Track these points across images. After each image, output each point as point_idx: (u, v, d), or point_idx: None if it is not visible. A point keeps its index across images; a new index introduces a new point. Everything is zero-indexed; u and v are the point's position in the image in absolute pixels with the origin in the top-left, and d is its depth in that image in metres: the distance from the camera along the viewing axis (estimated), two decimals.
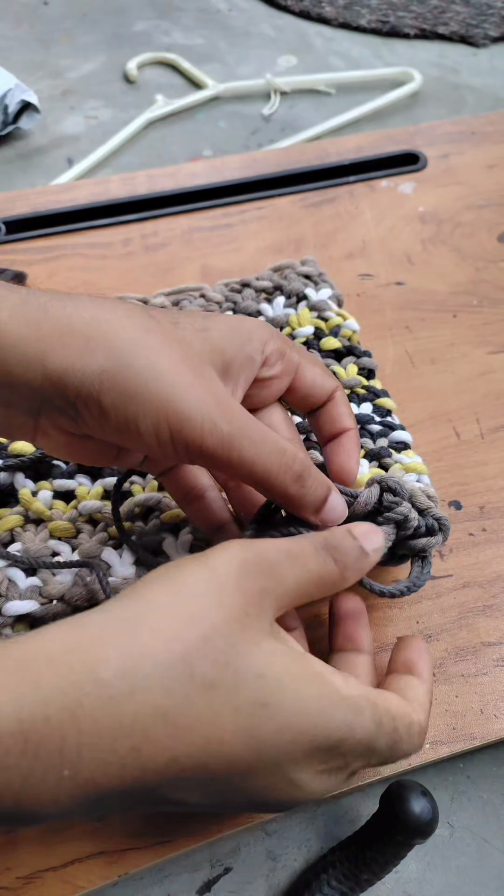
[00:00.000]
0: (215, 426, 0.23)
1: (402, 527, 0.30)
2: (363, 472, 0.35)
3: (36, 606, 0.31)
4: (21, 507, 0.35)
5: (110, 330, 0.23)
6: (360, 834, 0.31)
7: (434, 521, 0.31)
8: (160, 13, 1.00)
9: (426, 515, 0.30)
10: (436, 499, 0.32)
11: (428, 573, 0.31)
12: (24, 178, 0.73)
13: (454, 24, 0.97)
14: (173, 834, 0.30)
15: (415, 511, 0.30)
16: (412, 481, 0.34)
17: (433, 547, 0.30)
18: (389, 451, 0.36)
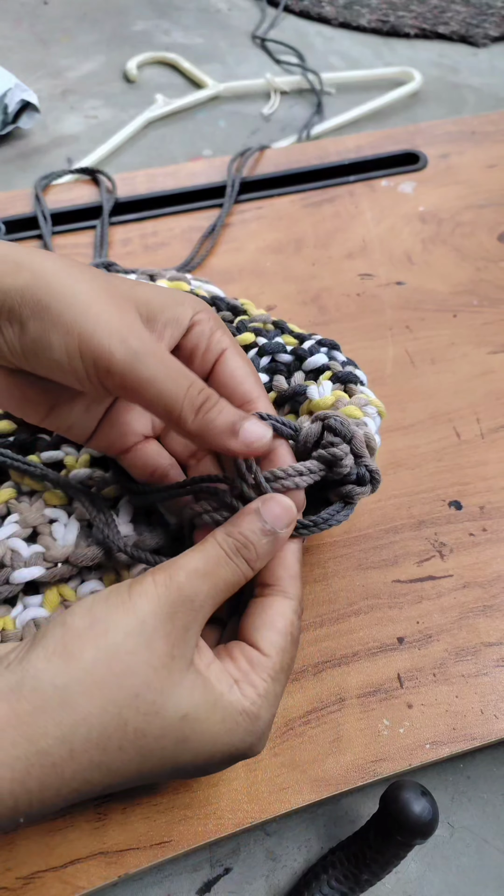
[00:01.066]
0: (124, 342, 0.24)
1: (333, 469, 0.29)
2: (325, 393, 0.34)
3: (42, 571, 0.31)
4: (13, 482, 0.35)
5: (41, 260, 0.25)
6: (360, 834, 0.31)
7: (366, 471, 0.30)
8: (160, 13, 1.00)
9: (360, 464, 0.29)
10: (375, 449, 0.31)
11: (345, 516, 0.30)
12: (23, 177, 0.73)
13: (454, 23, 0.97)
14: (173, 834, 0.30)
15: (351, 457, 0.29)
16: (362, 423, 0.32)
17: (359, 496, 0.30)
18: (356, 375, 0.35)
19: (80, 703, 0.21)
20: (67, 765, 0.21)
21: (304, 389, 0.34)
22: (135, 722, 0.22)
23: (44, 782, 0.21)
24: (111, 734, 0.22)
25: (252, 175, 0.61)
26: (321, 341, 0.37)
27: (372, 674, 0.34)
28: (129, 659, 0.22)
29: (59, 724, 0.21)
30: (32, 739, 0.21)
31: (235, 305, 0.41)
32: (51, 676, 0.22)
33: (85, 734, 0.21)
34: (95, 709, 0.21)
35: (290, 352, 0.37)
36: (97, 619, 0.23)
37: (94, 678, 0.22)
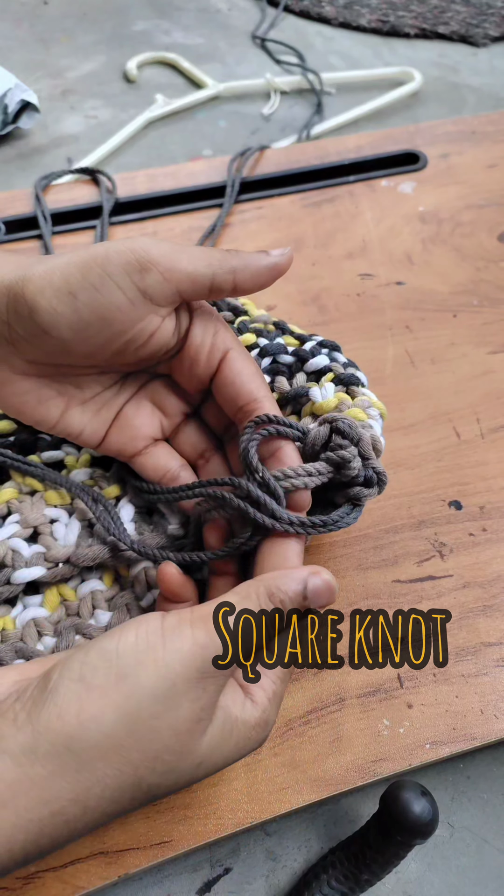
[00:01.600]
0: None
1: (342, 471, 0.29)
2: (327, 395, 0.34)
3: (43, 571, 0.31)
4: (14, 482, 0.35)
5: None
6: (360, 834, 0.31)
7: (374, 473, 0.30)
8: (160, 13, 1.00)
9: (367, 466, 0.30)
10: (381, 451, 0.31)
11: (354, 519, 0.30)
12: (23, 177, 0.73)
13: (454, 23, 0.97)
14: (173, 834, 0.30)
15: (359, 459, 0.29)
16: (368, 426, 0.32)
17: (367, 497, 0.30)
18: (358, 377, 0.35)
19: (97, 766, 0.21)
20: (80, 820, 0.21)
21: (307, 391, 0.34)
22: (150, 780, 0.22)
23: (55, 838, 0.21)
24: (125, 790, 0.21)
25: (252, 175, 0.61)
26: (322, 342, 0.37)
27: (372, 674, 0.34)
28: (153, 724, 0.21)
29: (74, 787, 0.21)
30: (45, 802, 0.20)
31: (236, 306, 0.41)
32: (66, 740, 0.20)
33: (99, 793, 0.21)
34: (112, 771, 0.21)
35: (292, 353, 0.37)
36: (124, 674, 0.21)
37: (113, 742, 0.21)
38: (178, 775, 0.22)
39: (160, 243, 0.26)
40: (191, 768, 0.22)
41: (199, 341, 0.29)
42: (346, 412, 0.32)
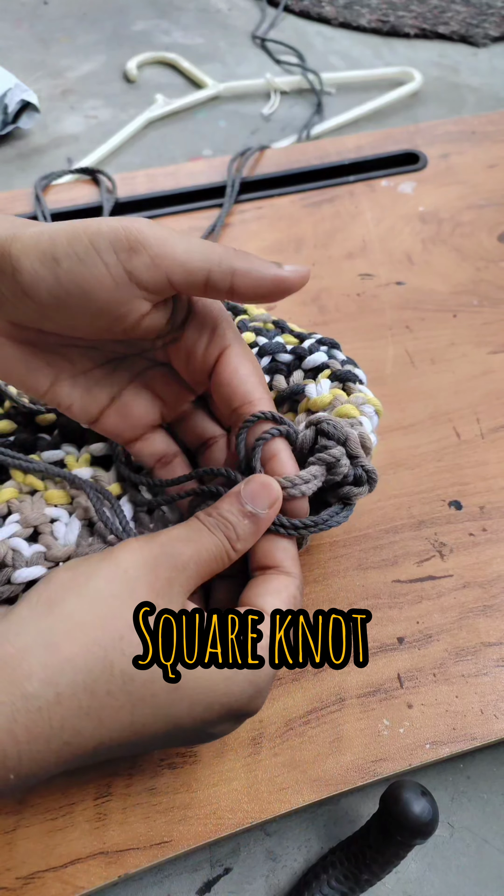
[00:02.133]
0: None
1: (332, 471, 0.29)
2: (322, 391, 0.34)
3: (43, 571, 0.31)
4: (15, 481, 0.35)
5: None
6: (360, 834, 0.31)
7: (363, 471, 0.30)
8: (160, 13, 1.00)
9: (356, 465, 0.29)
10: (370, 449, 0.31)
11: (345, 517, 0.30)
12: (23, 177, 0.73)
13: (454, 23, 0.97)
14: (173, 834, 0.30)
15: (347, 458, 0.29)
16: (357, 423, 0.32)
17: (356, 496, 0.30)
18: (355, 374, 0.35)
19: (63, 644, 0.21)
20: (55, 709, 0.20)
21: (303, 388, 0.34)
22: (121, 664, 0.22)
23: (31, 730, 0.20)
24: (97, 676, 0.21)
25: (252, 175, 0.61)
26: (321, 340, 0.37)
27: (372, 674, 0.34)
28: (112, 602, 0.22)
29: (44, 665, 0.21)
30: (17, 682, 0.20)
31: (235, 305, 0.41)
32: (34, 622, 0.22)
33: (71, 676, 0.21)
34: (80, 649, 0.21)
35: (290, 351, 0.37)
36: (79, 572, 0.23)
37: (77, 620, 0.22)
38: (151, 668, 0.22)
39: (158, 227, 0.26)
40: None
41: (195, 336, 0.29)
42: (339, 408, 0.32)
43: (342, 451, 0.29)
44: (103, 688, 0.21)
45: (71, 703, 0.21)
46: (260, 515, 0.26)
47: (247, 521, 0.26)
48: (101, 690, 0.21)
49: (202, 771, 0.31)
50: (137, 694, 0.22)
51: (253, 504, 0.26)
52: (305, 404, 0.34)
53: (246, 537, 0.26)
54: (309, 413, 0.33)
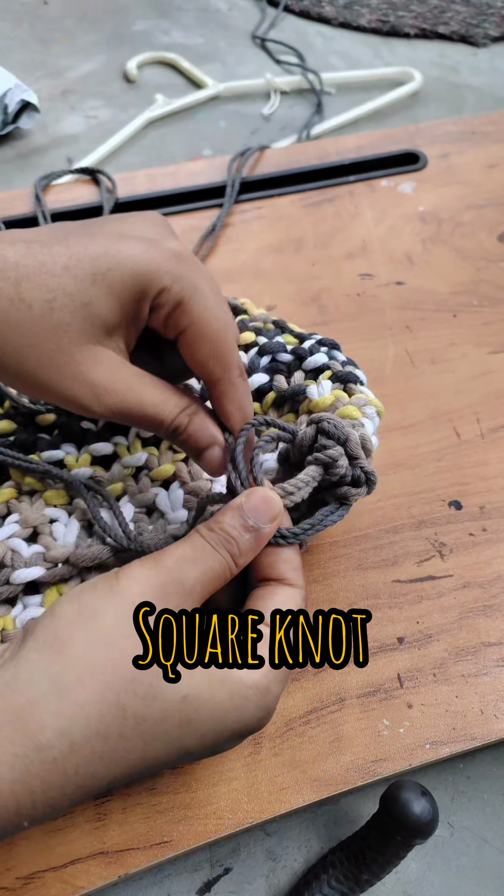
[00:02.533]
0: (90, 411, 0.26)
1: (330, 471, 0.29)
2: (324, 392, 0.34)
3: (42, 572, 0.31)
4: (13, 481, 0.35)
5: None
6: (360, 834, 0.31)
7: (362, 472, 0.29)
8: (160, 13, 1.00)
9: (355, 466, 0.29)
10: (371, 451, 0.31)
11: (340, 517, 0.29)
12: (23, 177, 0.73)
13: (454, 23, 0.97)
14: (173, 834, 0.30)
15: (346, 458, 0.29)
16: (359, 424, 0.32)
17: (354, 497, 0.30)
18: (356, 375, 0.35)
19: (75, 691, 0.21)
20: (69, 759, 0.20)
21: (304, 389, 0.34)
22: (133, 707, 0.21)
23: (46, 780, 0.20)
24: (111, 722, 0.21)
25: (252, 175, 0.61)
26: (321, 341, 0.37)
27: (372, 674, 0.34)
28: (123, 642, 0.22)
29: (57, 715, 0.21)
30: (30, 734, 0.20)
31: (235, 305, 0.41)
32: (44, 667, 0.21)
33: (84, 724, 0.21)
34: (91, 695, 0.21)
35: (291, 351, 0.37)
36: (86, 605, 0.23)
37: (88, 664, 0.21)
38: (163, 706, 0.22)
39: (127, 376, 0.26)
40: (175, 698, 0.22)
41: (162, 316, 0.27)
42: (340, 410, 0.32)
43: (341, 451, 0.29)
44: (116, 731, 0.21)
45: (85, 750, 0.21)
46: (262, 530, 0.26)
47: (248, 536, 0.25)
48: (115, 735, 0.21)
49: (202, 771, 0.31)
50: (150, 732, 0.22)
51: (255, 519, 0.26)
52: (307, 405, 0.34)
53: (247, 552, 0.26)
54: (310, 414, 0.33)
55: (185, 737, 0.22)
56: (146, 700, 0.22)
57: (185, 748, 0.23)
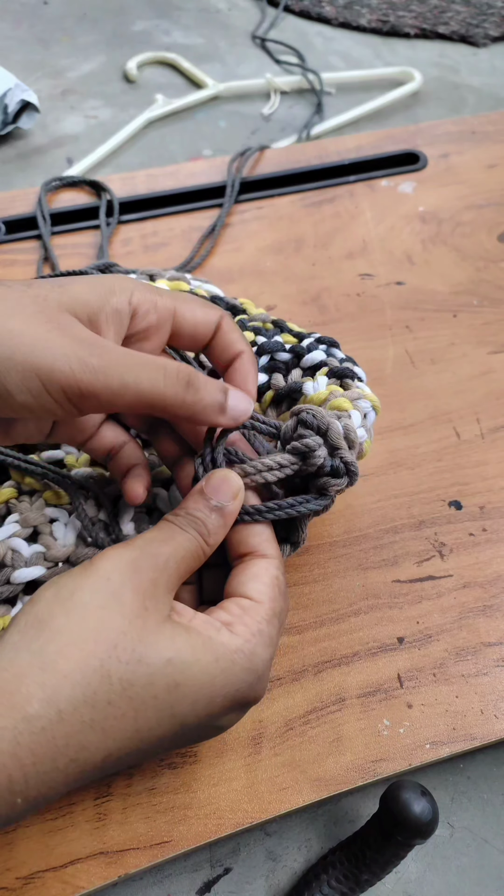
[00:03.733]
0: (84, 363, 0.23)
1: (307, 461, 0.29)
2: (320, 388, 0.34)
3: (43, 571, 0.31)
4: (13, 481, 0.35)
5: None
6: (360, 834, 0.31)
7: (341, 463, 0.29)
8: (160, 13, 1.00)
9: (335, 456, 0.29)
10: (355, 442, 0.30)
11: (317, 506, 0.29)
12: (23, 177, 0.73)
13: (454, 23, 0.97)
14: (173, 834, 0.30)
15: (326, 448, 0.29)
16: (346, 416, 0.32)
17: (333, 487, 0.29)
18: (354, 371, 0.35)
19: (58, 661, 0.21)
20: (58, 728, 0.20)
21: (301, 386, 0.34)
22: (118, 672, 0.21)
23: (36, 752, 0.20)
24: (97, 688, 0.21)
25: (252, 175, 0.61)
26: (320, 339, 0.37)
27: (372, 674, 0.34)
28: (100, 613, 0.22)
29: (42, 685, 0.20)
30: (17, 706, 0.20)
31: (235, 305, 0.41)
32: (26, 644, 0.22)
33: (69, 692, 0.21)
34: (75, 664, 0.21)
35: (289, 350, 0.37)
36: (62, 586, 0.23)
37: (68, 636, 0.22)
38: (149, 669, 0.22)
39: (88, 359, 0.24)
40: (160, 662, 0.22)
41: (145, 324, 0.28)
42: (332, 402, 0.32)
43: (319, 441, 0.28)
44: (104, 698, 0.21)
45: (73, 718, 0.21)
46: (226, 508, 0.26)
47: (214, 515, 0.26)
48: (102, 701, 0.21)
49: (202, 771, 0.31)
50: (138, 698, 0.22)
51: (217, 498, 0.26)
52: (303, 401, 0.34)
53: (216, 531, 0.26)
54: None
55: (175, 702, 0.22)
56: (130, 664, 0.22)
57: (178, 717, 0.23)
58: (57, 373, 0.23)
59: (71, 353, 0.23)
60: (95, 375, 0.23)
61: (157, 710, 0.22)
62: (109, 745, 0.21)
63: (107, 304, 0.26)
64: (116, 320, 0.26)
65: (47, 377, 0.23)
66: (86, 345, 0.24)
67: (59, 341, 0.23)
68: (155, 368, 0.25)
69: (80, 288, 0.26)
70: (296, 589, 0.37)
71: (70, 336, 0.24)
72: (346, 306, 0.51)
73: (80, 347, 0.24)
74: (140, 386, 0.24)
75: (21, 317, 0.24)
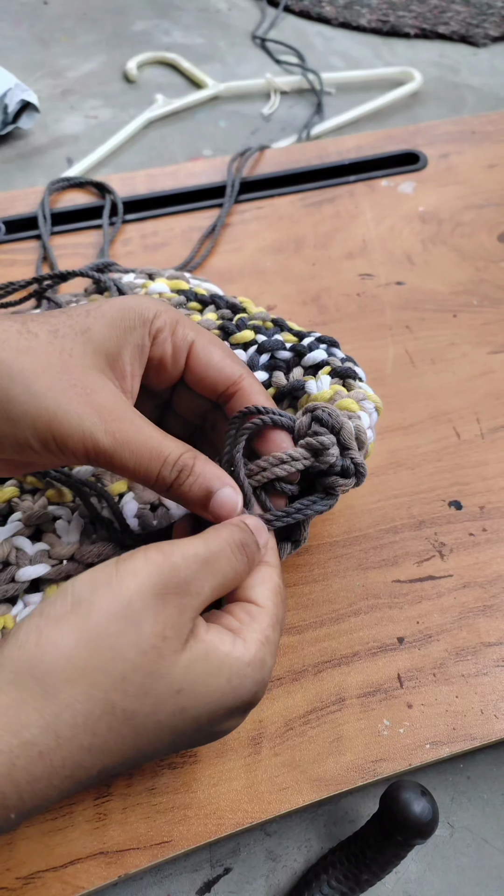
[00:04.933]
0: (95, 442, 0.25)
1: (320, 458, 0.29)
2: (323, 387, 0.34)
3: (47, 569, 0.31)
4: (16, 480, 0.35)
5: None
6: (360, 834, 0.31)
7: (351, 463, 0.29)
8: (160, 13, 1.00)
9: (346, 456, 0.29)
10: (365, 443, 0.31)
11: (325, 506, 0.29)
12: (23, 177, 0.73)
13: (454, 23, 0.97)
14: (173, 834, 0.30)
15: (338, 447, 0.29)
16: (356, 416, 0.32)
17: (341, 487, 0.29)
18: (355, 371, 0.35)
19: (62, 690, 0.20)
20: (55, 753, 0.20)
21: (303, 384, 0.34)
22: (122, 704, 0.21)
23: (32, 773, 0.20)
24: (98, 717, 0.21)
25: (252, 175, 0.61)
26: (320, 338, 0.37)
27: (372, 674, 0.34)
28: (114, 643, 0.21)
29: (42, 712, 0.20)
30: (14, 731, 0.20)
31: (234, 304, 0.41)
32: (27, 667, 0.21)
33: (70, 720, 0.20)
34: (79, 695, 0.21)
35: (290, 349, 0.37)
36: (80, 600, 0.22)
37: (76, 665, 0.21)
38: (156, 700, 0.22)
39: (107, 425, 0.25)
40: (169, 693, 0.22)
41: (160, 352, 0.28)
42: (339, 402, 0.32)
43: (333, 439, 0.29)
44: (104, 726, 0.21)
45: (71, 744, 0.20)
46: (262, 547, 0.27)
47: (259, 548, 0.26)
48: (103, 729, 0.21)
49: (202, 771, 0.31)
50: (140, 725, 0.22)
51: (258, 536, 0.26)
52: (306, 399, 0.34)
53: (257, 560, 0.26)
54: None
55: (178, 723, 0.22)
56: (137, 697, 0.21)
57: (178, 733, 0.23)
58: (70, 443, 0.25)
59: (86, 427, 0.24)
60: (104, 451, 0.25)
61: (159, 731, 0.22)
62: (106, 762, 0.21)
63: (128, 343, 0.27)
64: (137, 356, 0.28)
65: (62, 442, 0.25)
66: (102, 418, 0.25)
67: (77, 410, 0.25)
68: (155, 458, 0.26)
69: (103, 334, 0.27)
70: (296, 589, 0.37)
71: (90, 405, 0.25)
72: (346, 306, 0.51)
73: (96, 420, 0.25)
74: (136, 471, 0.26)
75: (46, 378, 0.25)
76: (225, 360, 0.29)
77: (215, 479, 0.27)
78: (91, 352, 0.26)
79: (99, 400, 0.25)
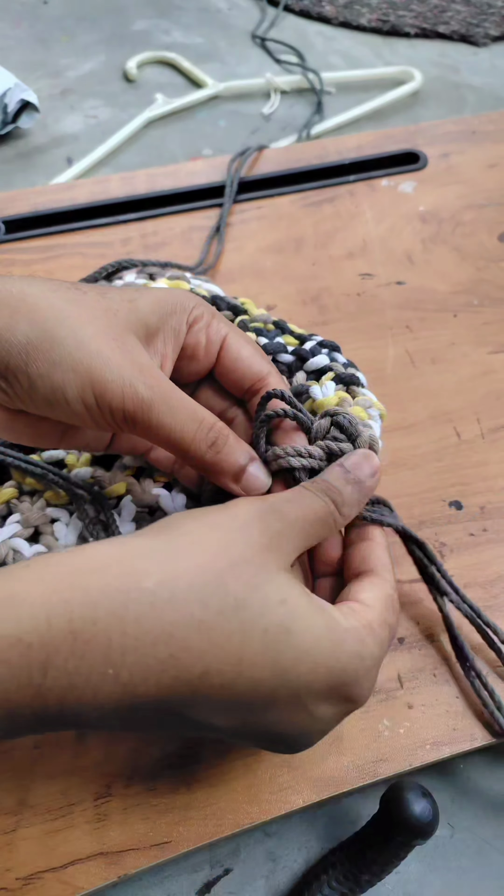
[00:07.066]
0: (135, 391, 0.25)
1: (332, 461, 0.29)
2: (328, 393, 0.34)
3: None
4: (15, 481, 0.35)
5: (34, 302, 0.25)
6: (360, 835, 0.31)
7: None
8: (160, 12, 1.00)
9: None
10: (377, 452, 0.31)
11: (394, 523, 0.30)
12: (23, 177, 0.73)
13: (455, 23, 0.97)
14: (173, 835, 0.30)
15: None
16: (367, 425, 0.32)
17: None
18: (358, 377, 0.35)
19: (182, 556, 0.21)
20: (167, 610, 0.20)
21: (307, 389, 0.34)
22: (235, 588, 0.21)
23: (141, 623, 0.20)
24: (212, 592, 0.21)
25: (252, 175, 0.61)
26: (322, 342, 0.38)
27: None
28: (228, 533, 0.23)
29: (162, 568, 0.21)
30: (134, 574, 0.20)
31: (235, 305, 0.41)
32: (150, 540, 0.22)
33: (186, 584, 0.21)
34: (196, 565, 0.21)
35: (292, 352, 0.37)
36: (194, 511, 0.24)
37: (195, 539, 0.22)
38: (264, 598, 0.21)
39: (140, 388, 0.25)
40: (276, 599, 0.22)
41: (195, 339, 0.29)
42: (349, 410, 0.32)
43: (350, 447, 0.29)
44: (216, 605, 0.21)
45: (184, 609, 0.20)
46: (364, 483, 0.27)
47: (350, 487, 0.26)
48: (214, 607, 0.21)
49: (202, 771, 0.31)
50: (248, 623, 0.21)
51: (356, 472, 0.27)
52: (311, 405, 0.34)
53: (351, 502, 0.26)
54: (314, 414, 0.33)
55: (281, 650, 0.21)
56: (248, 587, 0.21)
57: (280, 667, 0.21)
58: (109, 393, 0.24)
59: (126, 378, 0.25)
60: (141, 405, 0.25)
61: (264, 648, 0.21)
62: (210, 662, 0.20)
63: (166, 323, 0.28)
64: (173, 339, 0.28)
65: (100, 394, 0.24)
66: (142, 373, 0.25)
67: (119, 361, 0.25)
68: (192, 419, 0.26)
69: (147, 306, 0.27)
70: None
71: (130, 360, 0.25)
72: (346, 306, 0.51)
73: (136, 373, 0.25)
74: (172, 429, 0.26)
75: (91, 328, 0.25)
76: (255, 356, 0.30)
77: (247, 453, 0.28)
78: (134, 319, 0.27)
79: (139, 359, 0.26)
